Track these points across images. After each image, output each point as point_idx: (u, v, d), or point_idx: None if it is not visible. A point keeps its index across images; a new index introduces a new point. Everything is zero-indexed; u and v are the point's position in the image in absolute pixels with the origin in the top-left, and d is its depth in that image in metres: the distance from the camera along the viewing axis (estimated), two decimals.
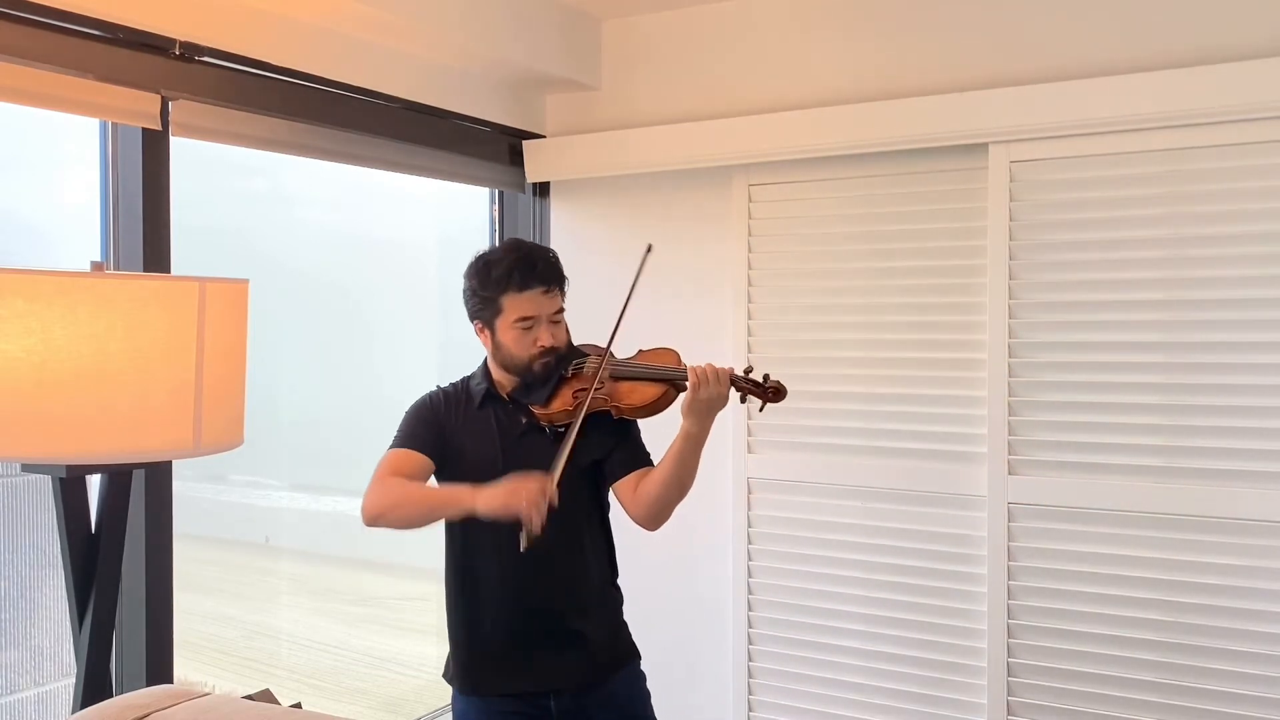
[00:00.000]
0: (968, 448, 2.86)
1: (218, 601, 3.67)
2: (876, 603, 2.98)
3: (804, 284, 3.09)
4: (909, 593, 2.94)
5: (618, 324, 2.14)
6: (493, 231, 3.56)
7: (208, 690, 1.64)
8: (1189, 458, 2.60)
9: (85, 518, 1.83)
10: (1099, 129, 2.63)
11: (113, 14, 2.16)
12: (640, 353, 2.21)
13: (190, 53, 2.31)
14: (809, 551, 3.07)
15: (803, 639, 3.08)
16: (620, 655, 2.25)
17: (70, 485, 1.79)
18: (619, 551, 2.29)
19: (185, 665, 2.52)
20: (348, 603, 4.14)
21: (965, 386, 2.86)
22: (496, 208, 3.54)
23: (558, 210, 3.49)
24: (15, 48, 2.00)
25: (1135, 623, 2.66)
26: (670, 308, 3.16)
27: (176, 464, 2.37)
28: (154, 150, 2.32)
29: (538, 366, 2.12)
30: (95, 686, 1.82)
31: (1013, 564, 2.79)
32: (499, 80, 3.24)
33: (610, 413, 2.13)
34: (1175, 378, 2.62)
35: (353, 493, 2.15)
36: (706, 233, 3.23)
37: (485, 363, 2.22)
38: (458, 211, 3.76)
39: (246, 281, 1.84)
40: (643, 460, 2.22)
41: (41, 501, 2.36)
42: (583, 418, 2.08)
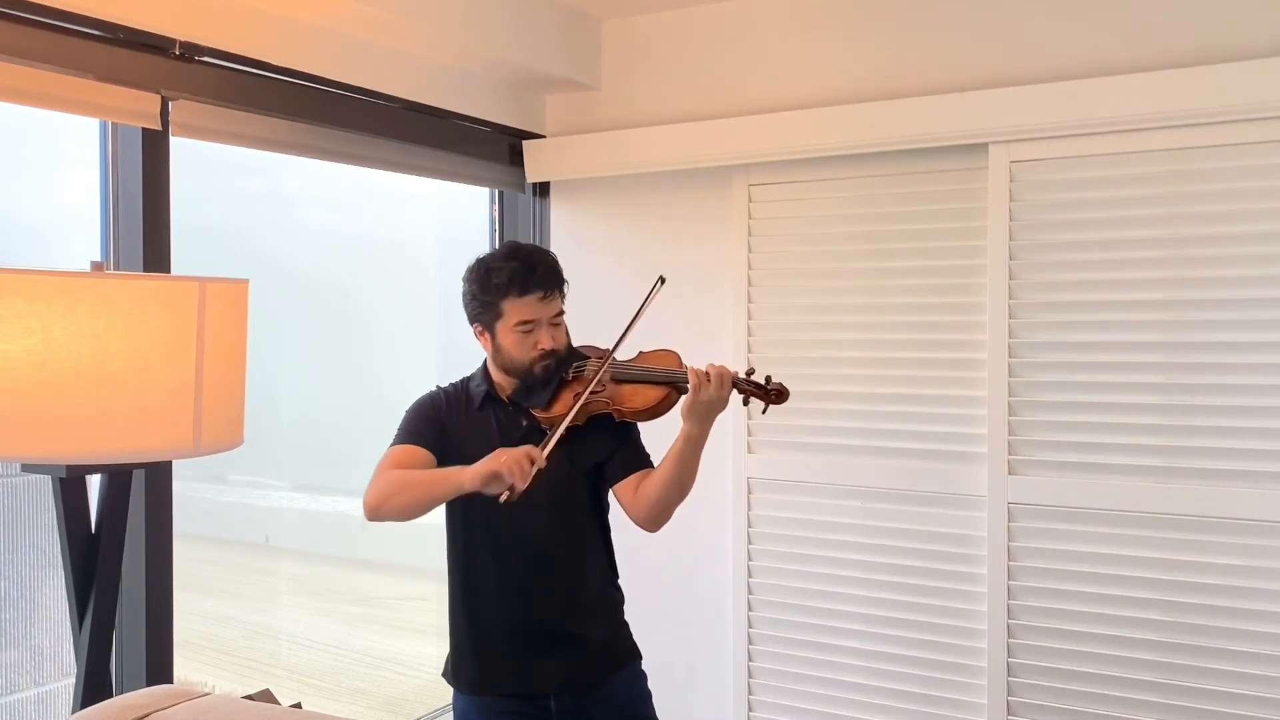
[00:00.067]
0: (968, 448, 2.86)
1: (218, 601, 3.67)
2: (876, 603, 2.98)
3: (804, 284, 3.09)
4: (909, 593, 2.94)
5: (620, 339, 2.13)
6: (493, 231, 3.56)
7: (208, 690, 1.64)
8: (1189, 458, 2.60)
9: (85, 518, 1.83)
10: (1099, 129, 2.63)
11: (113, 14, 2.16)
12: (641, 354, 2.20)
13: (190, 53, 2.31)
14: (809, 551, 3.07)
15: (803, 639, 3.08)
16: (621, 655, 2.25)
17: (70, 485, 1.79)
18: (619, 552, 2.29)
19: (185, 665, 2.52)
20: (348, 603, 4.14)
21: (965, 386, 2.86)
22: (496, 208, 3.54)
23: (558, 210, 3.49)
24: (15, 48, 2.00)
25: (1135, 623, 2.66)
26: (670, 308, 3.13)
27: (176, 464, 2.37)
28: (154, 150, 2.32)
29: (538, 369, 2.12)
30: (95, 686, 1.82)
31: (1013, 564, 2.79)
32: (499, 80, 3.24)
33: (612, 415, 2.13)
34: (1175, 378, 2.61)
35: (353, 493, 2.15)
36: (706, 233, 3.23)
37: (484, 364, 2.22)
38: (458, 211, 3.76)
39: (246, 281, 1.84)
40: (643, 462, 2.22)
41: (41, 501, 2.36)
42: (585, 420, 2.08)
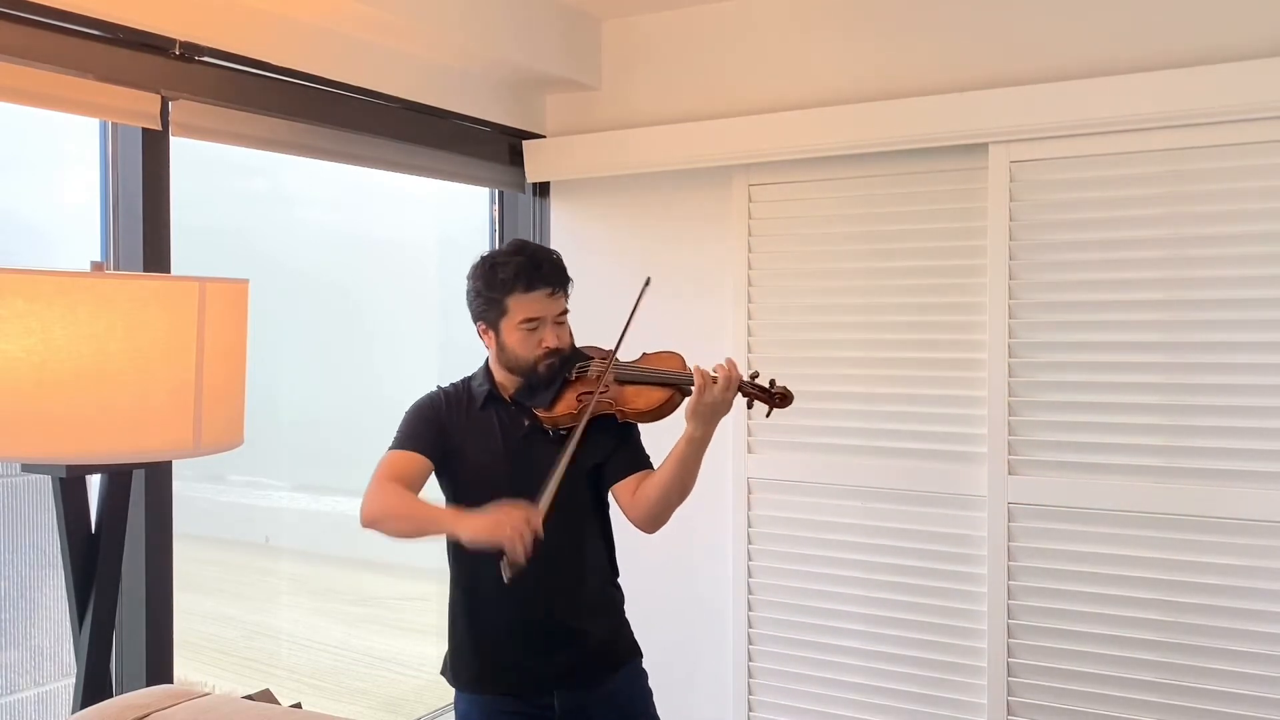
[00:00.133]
0: (968, 448, 2.86)
1: (218, 601, 3.67)
2: (876, 603, 2.98)
3: (804, 284, 3.09)
4: (909, 593, 2.94)
5: (619, 341, 2.13)
6: (493, 231, 3.56)
7: (208, 690, 1.64)
8: (1189, 458, 2.60)
9: (85, 518, 1.83)
10: (1099, 129, 2.63)
11: (113, 14, 2.16)
12: (644, 356, 2.20)
13: (190, 53, 2.31)
14: (809, 551, 3.07)
15: (803, 639, 3.08)
16: (622, 654, 2.25)
17: (70, 485, 1.79)
18: (619, 552, 2.29)
19: (185, 665, 2.52)
20: (348, 603, 4.14)
21: (965, 386, 2.86)
22: (496, 208, 3.54)
23: (558, 210, 3.49)
24: (15, 48, 2.00)
25: (1135, 623, 2.66)
26: (670, 308, 3.16)
27: (176, 464, 2.37)
28: (154, 150, 2.32)
29: (542, 368, 2.12)
30: (95, 686, 1.82)
31: (1013, 564, 2.79)
32: (499, 80, 3.24)
33: (615, 416, 2.13)
34: (1175, 378, 2.61)
35: (353, 493, 2.15)
36: (706, 233, 3.23)
37: (486, 364, 2.22)
38: (458, 211, 3.76)
39: (246, 281, 1.84)
40: (642, 463, 2.22)
41: (41, 501, 2.36)
42: (586, 423, 2.07)
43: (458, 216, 3.79)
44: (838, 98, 2.98)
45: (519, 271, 2.09)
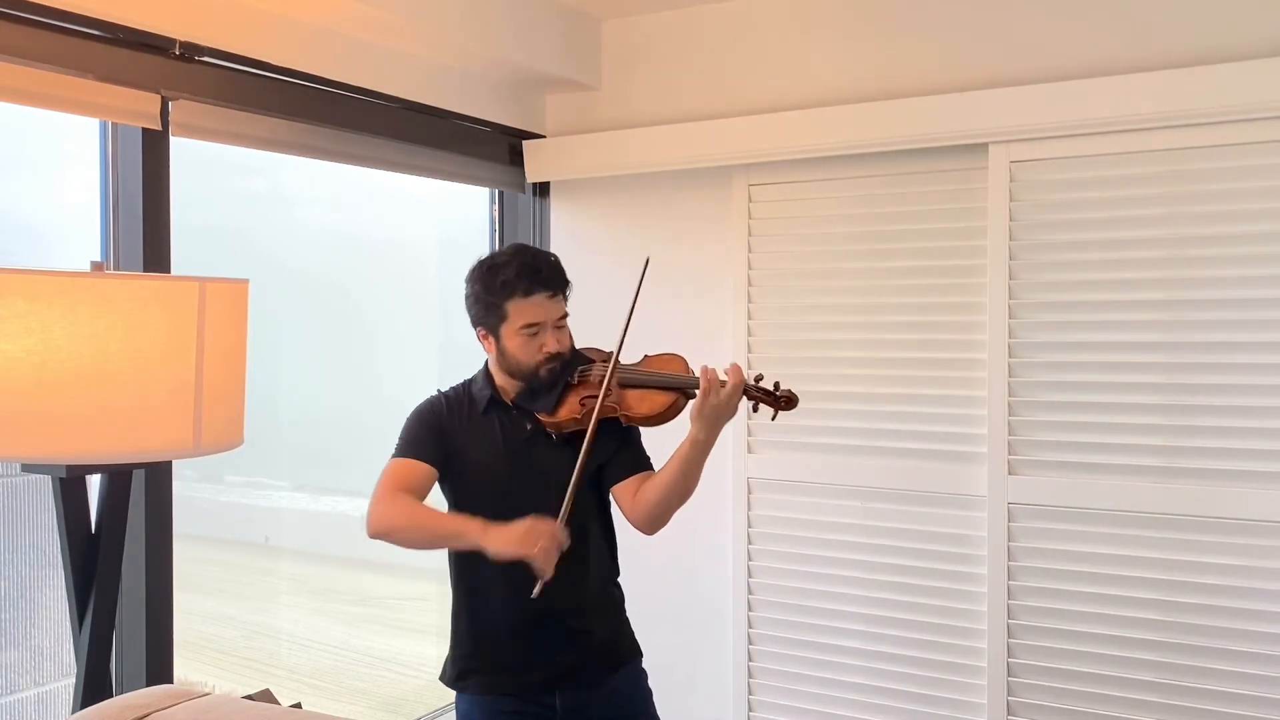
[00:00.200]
0: (968, 448, 2.86)
1: (218, 601, 3.67)
2: (876, 603, 2.98)
3: (804, 284, 3.09)
4: (909, 593, 2.94)
5: (623, 336, 2.11)
6: (493, 231, 3.56)
7: (208, 690, 1.64)
8: (1189, 458, 2.60)
9: (85, 518, 1.83)
10: (1099, 129, 2.63)
11: (113, 14, 2.16)
12: (646, 359, 2.19)
13: (190, 53, 2.31)
14: (809, 551, 3.07)
15: (803, 639, 3.08)
16: (623, 653, 2.25)
17: (70, 485, 1.79)
18: (619, 552, 2.29)
19: (185, 665, 2.52)
20: (348, 603, 4.14)
21: (965, 386, 2.86)
22: (496, 208, 3.54)
23: (558, 210, 3.49)
24: (15, 48, 2.00)
25: (1135, 623, 2.66)
26: (670, 308, 3.16)
27: (176, 464, 2.37)
28: (154, 150, 2.32)
29: (544, 372, 2.11)
30: (95, 686, 1.82)
31: (1013, 564, 2.79)
32: (499, 80, 3.24)
33: (619, 420, 2.12)
34: (1175, 378, 2.61)
35: (352, 493, 2.15)
36: (706, 233, 3.23)
37: (486, 367, 2.21)
38: (458, 211, 3.76)
39: (246, 281, 1.84)
40: (643, 464, 2.21)
41: (41, 501, 2.36)
42: (595, 427, 2.05)
43: (458, 216, 3.79)
44: (838, 98, 2.98)
45: (518, 276, 2.08)
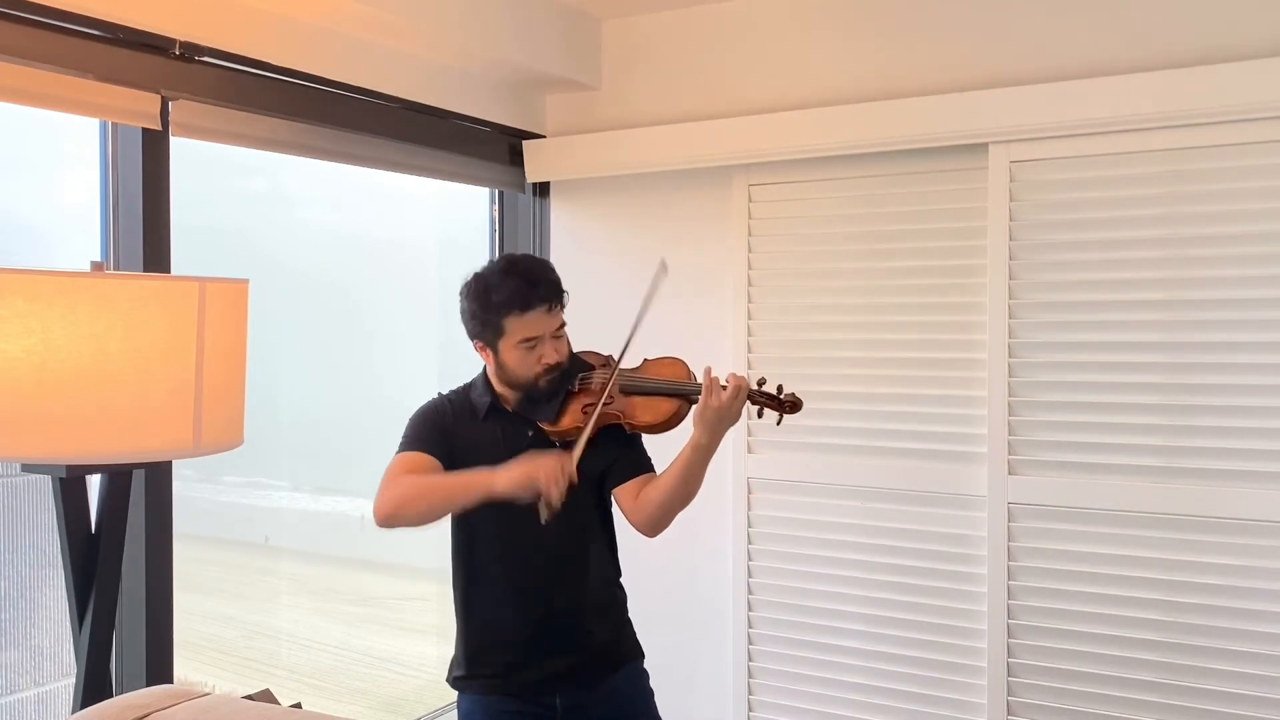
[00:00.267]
0: (968, 448, 2.86)
1: (218, 601, 3.67)
2: (876, 603, 2.98)
3: (804, 284, 3.09)
4: (909, 593, 2.94)
5: (627, 343, 2.08)
6: (493, 232, 3.56)
7: (208, 690, 1.64)
8: (1189, 458, 2.60)
9: (85, 518, 1.83)
10: (1099, 129, 2.63)
11: (113, 14, 2.16)
12: (646, 363, 2.17)
13: (190, 53, 2.31)
14: (809, 551, 3.07)
15: (803, 639, 3.08)
16: (624, 654, 2.25)
17: (70, 485, 1.79)
18: (620, 553, 2.29)
19: (185, 665, 2.52)
20: (348, 603, 4.14)
21: (965, 386, 2.86)
22: (496, 208, 3.54)
23: (558, 210, 3.49)
24: (15, 48, 2.00)
25: (1135, 623, 2.66)
26: (670, 308, 3.13)
27: (176, 464, 2.37)
28: (154, 150, 2.32)
29: (543, 383, 2.11)
30: (95, 686, 1.82)
31: (1013, 564, 2.79)
32: (499, 80, 3.24)
33: (624, 428, 2.12)
34: (1175, 378, 2.61)
35: (352, 493, 2.15)
36: (706, 233, 3.23)
37: (485, 373, 2.20)
38: (458, 211, 3.76)
39: (246, 281, 1.84)
40: (645, 467, 2.21)
41: (41, 501, 2.36)
42: (596, 428, 2.04)
43: (458, 216, 3.79)
44: (838, 98, 2.98)
45: (514, 293, 2.05)
